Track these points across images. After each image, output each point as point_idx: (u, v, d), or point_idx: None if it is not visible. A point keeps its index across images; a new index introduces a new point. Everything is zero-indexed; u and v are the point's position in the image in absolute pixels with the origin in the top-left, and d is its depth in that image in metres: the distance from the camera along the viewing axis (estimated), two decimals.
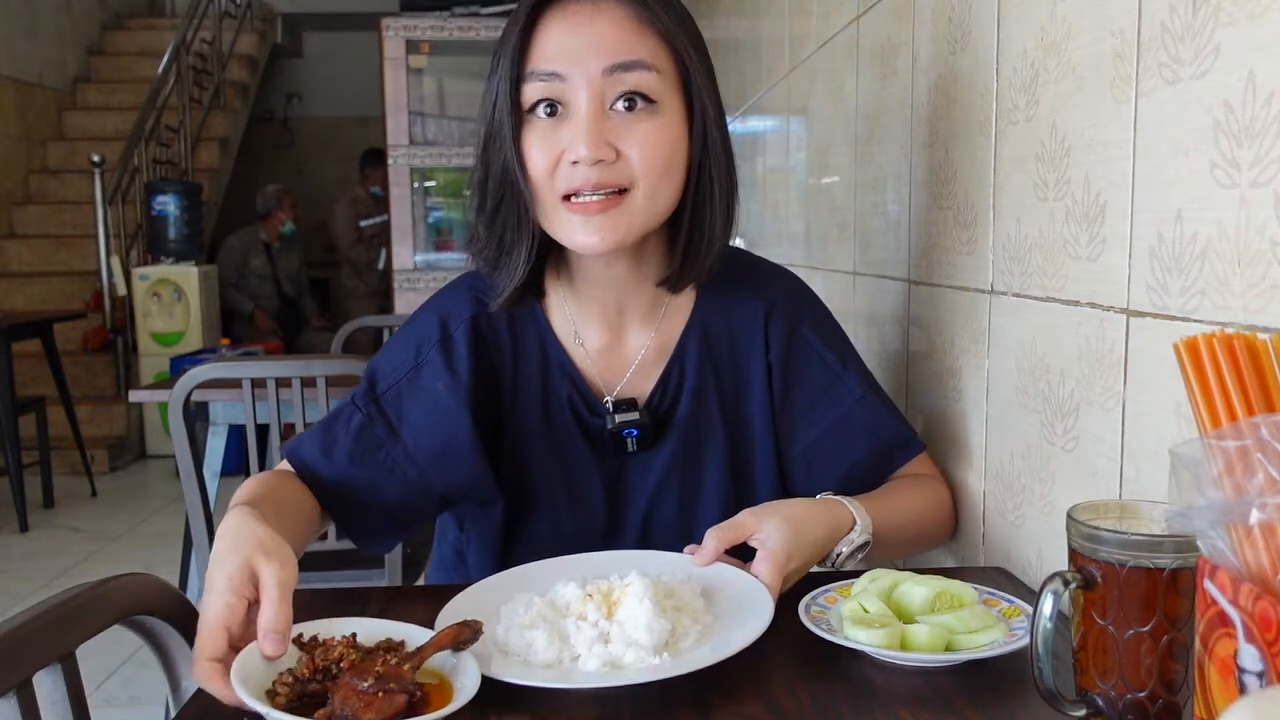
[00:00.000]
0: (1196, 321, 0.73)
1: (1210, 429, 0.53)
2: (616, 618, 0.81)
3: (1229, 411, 0.52)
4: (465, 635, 0.75)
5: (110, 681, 2.87)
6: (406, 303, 4.63)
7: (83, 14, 7.40)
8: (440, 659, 0.76)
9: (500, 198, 0.97)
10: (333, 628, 0.78)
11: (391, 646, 0.76)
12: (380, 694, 0.68)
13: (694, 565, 0.92)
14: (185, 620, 0.89)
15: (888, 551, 1.02)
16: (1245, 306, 0.68)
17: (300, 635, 0.76)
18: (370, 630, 0.78)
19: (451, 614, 0.84)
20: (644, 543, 1.08)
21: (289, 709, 0.69)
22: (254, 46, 7.79)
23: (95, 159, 5.65)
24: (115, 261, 5.71)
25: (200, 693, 0.79)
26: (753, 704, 0.73)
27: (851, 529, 0.96)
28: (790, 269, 1.16)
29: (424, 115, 4.78)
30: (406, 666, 0.72)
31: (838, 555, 0.96)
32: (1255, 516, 0.49)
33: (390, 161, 4.67)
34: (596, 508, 1.08)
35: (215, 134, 7.05)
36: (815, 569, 0.97)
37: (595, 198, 0.93)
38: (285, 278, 6.40)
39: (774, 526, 0.90)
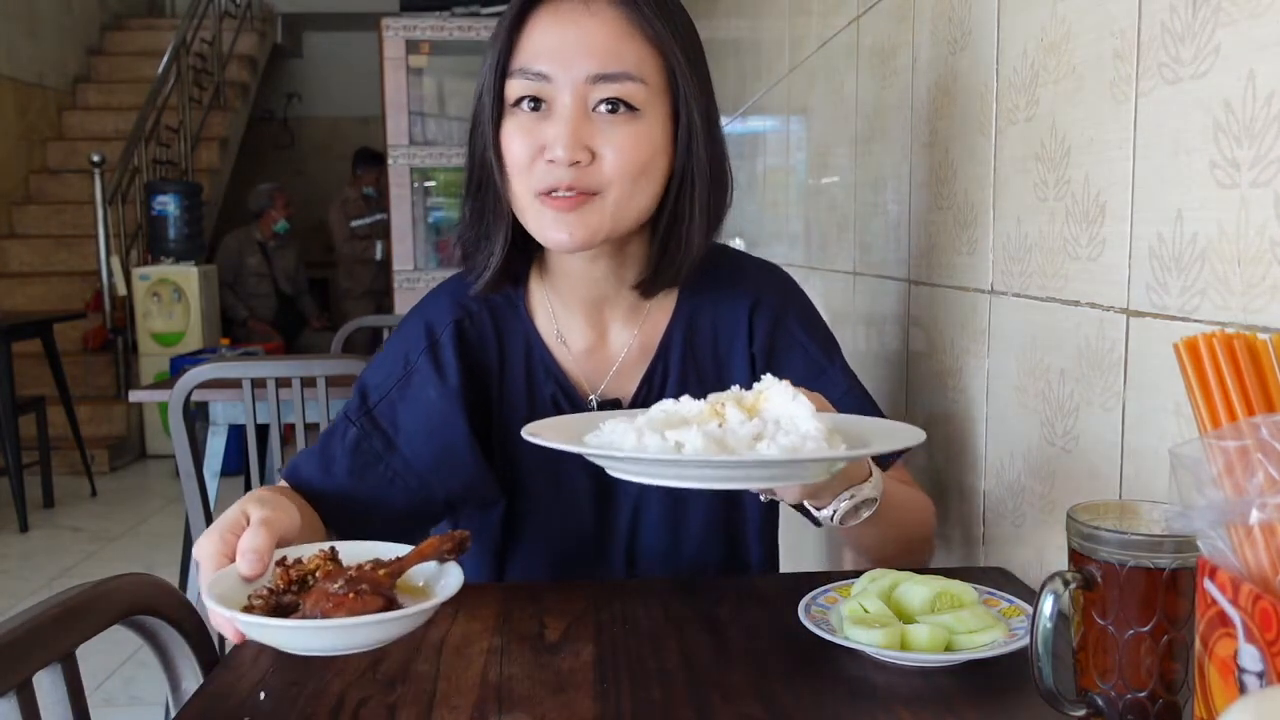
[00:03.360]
0: (1196, 321, 0.73)
1: (1210, 429, 0.53)
2: (765, 418, 0.74)
3: (1229, 411, 0.52)
4: (448, 546, 0.74)
5: (110, 681, 2.87)
6: (406, 302, 4.63)
7: (83, 14, 7.40)
8: (426, 573, 0.74)
9: (480, 183, 1.00)
10: (316, 550, 0.76)
11: (377, 564, 0.73)
12: (352, 594, 0.66)
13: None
14: (185, 620, 0.89)
15: (880, 535, 0.97)
16: (1245, 306, 0.68)
17: (284, 559, 0.75)
18: (356, 552, 0.76)
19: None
20: (633, 542, 1.08)
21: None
22: (254, 46, 7.79)
23: (95, 159, 5.65)
24: (115, 261, 5.71)
25: (200, 693, 0.79)
26: (753, 704, 0.73)
27: (865, 481, 0.90)
28: (790, 269, 1.16)
29: (424, 115, 4.78)
30: (383, 572, 0.70)
31: (838, 505, 0.89)
32: (1255, 516, 0.49)
33: (390, 161, 4.68)
34: (585, 508, 1.07)
35: (215, 134, 7.05)
36: (813, 569, 0.97)
37: (568, 194, 0.94)
38: (282, 276, 6.40)
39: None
